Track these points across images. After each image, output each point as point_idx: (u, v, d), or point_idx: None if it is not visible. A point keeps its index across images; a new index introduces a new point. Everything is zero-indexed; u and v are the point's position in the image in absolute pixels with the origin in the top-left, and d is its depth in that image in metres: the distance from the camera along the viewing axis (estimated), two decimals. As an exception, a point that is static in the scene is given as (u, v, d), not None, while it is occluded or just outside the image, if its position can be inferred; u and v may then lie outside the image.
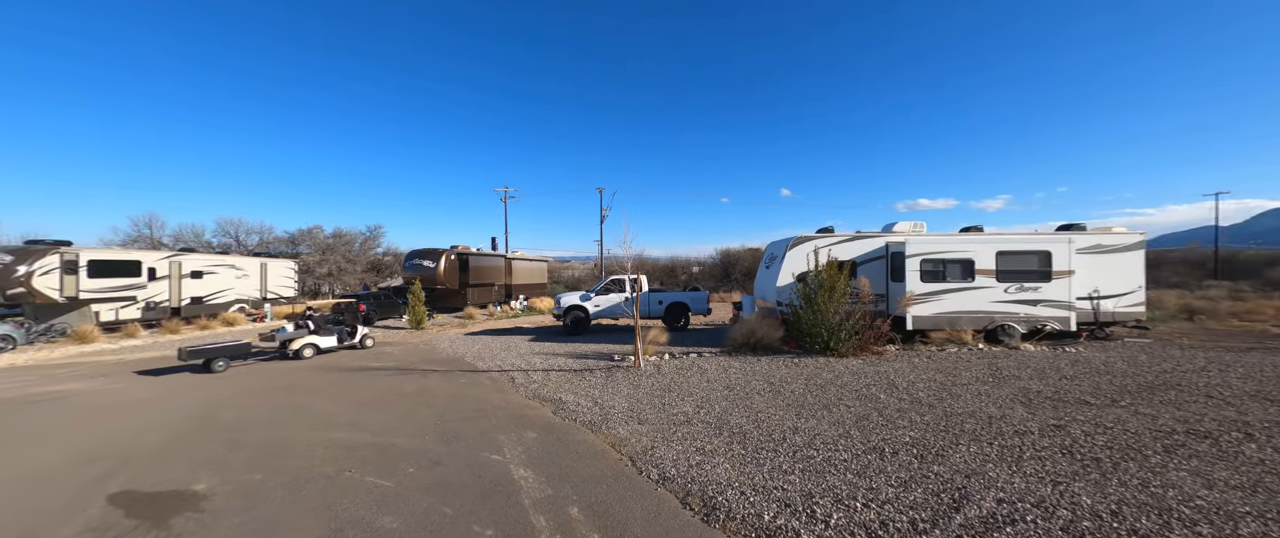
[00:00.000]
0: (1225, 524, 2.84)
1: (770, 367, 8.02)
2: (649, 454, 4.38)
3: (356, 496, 3.71)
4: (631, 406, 6.02)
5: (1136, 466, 3.71)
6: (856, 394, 6.13)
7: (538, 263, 29.16)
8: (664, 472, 3.98)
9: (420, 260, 19.82)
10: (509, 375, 8.25)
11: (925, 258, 9.88)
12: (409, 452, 4.63)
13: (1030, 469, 3.70)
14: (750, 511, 3.23)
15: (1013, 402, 5.58)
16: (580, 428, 5.29)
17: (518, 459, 4.38)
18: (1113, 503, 3.13)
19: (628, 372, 8.07)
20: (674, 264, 46.17)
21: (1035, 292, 9.79)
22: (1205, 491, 3.27)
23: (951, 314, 9.86)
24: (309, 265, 31.03)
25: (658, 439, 4.75)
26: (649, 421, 5.40)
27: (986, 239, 10.03)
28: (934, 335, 9.92)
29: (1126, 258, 10.26)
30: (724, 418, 5.36)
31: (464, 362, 9.86)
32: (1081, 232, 10.50)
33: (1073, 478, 3.52)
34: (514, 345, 12.06)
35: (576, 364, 9.07)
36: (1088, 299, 10.09)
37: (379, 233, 36.00)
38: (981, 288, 9.83)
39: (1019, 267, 9.81)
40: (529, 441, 4.89)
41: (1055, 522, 2.92)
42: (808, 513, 3.16)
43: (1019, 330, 9.80)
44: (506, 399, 6.68)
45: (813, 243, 10.66)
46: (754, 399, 6.09)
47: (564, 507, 3.44)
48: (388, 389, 7.37)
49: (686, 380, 7.24)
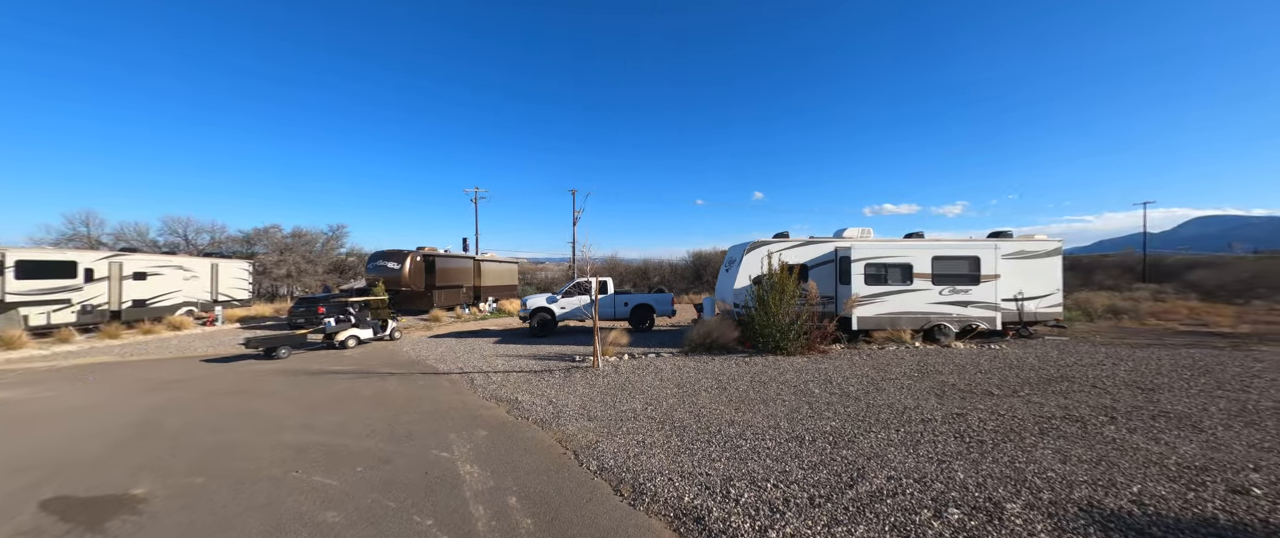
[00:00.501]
0: (1063, 490, 3.37)
1: (722, 366, 8.45)
2: (592, 448, 4.66)
3: (301, 494, 3.84)
4: (584, 404, 6.29)
5: (1012, 446, 4.26)
6: (794, 390, 6.61)
7: (508, 264, 28.96)
8: (603, 463, 4.27)
9: (384, 262, 19.44)
10: (469, 377, 8.36)
11: (869, 262, 10.58)
12: (359, 452, 4.75)
13: (924, 451, 4.20)
14: (673, 494, 3.57)
15: (928, 394, 6.16)
16: (531, 426, 5.52)
17: (466, 456, 4.58)
18: (980, 477, 3.63)
19: (586, 372, 8.33)
20: (647, 266, 46.61)
21: (966, 294, 10.65)
22: (1059, 465, 3.82)
23: (892, 315, 10.59)
24: (266, 266, 29.76)
25: (603, 434, 5.04)
26: (598, 417, 5.68)
27: (924, 245, 10.83)
28: (877, 335, 10.63)
29: (1047, 263, 11.28)
30: (669, 414, 5.70)
31: (425, 364, 9.87)
32: (1008, 238, 11.46)
33: (956, 458, 4.03)
34: (478, 348, 12.10)
35: (537, 366, 9.25)
36: (1012, 301, 11.03)
37: (342, 233, 34.87)
38: (919, 290, 10.61)
39: (952, 271, 10.65)
40: (479, 439, 5.09)
41: (928, 493, 3.39)
42: (723, 494, 3.53)
43: (952, 330, 10.62)
44: (463, 400, 6.82)
45: (768, 248, 11.20)
46: (700, 396, 6.47)
47: (503, 497, 3.68)
48: (343, 392, 7.37)
49: (641, 380, 7.56)
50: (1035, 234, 11.59)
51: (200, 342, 13.79)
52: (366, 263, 21.33)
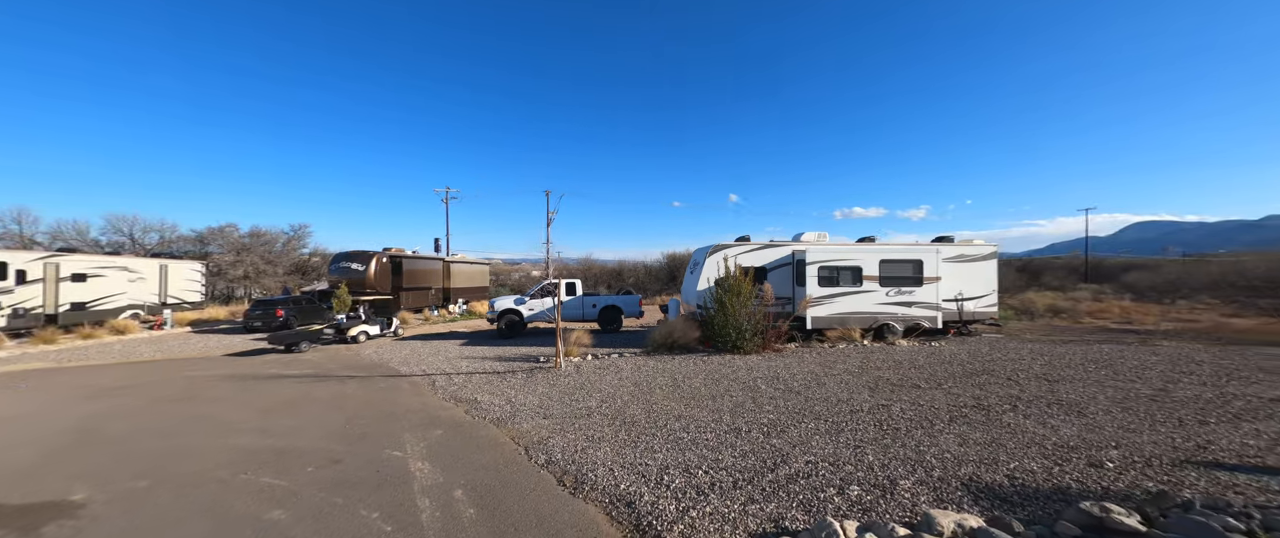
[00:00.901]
0: (952, 468, 3.83)
1: (680, 365, 8.79)
2: (543, 444, 4.88)
3: (248, 495, 3.91)
4: (542, 403, 6.49)
5: (922, 432, 4.74)
6: (743, 386, 7.00)
7: (479, 266, 28.65)
8: (551, 457, 4.50)
9: (348, 263, 18.99)
10: (431, 379, 8.41)
11: (822, 265, 11.17)
12: (310, 453, 4.82)
13: (844, 439, 4.62)
14: (611, 482, 3.84)
15: (863, 388, 6.66)
16: (487, 424, 5.69)
17: (419, 454, 4.72)
18: (887, 459, 4.06)
19: (548, 373, 8.52)
20: (622, 268, 46.83)
21: (910, 295, 11.38)
22: (956, 447, 4.30)
23: (843, 314, 11.21)
24: (221, 267, 28.45)
25: (556, 431, 5.27)
26: (553, 415, 5.90)
27: (872, 249, 11.51)
28: (830, 334, 11.22)
29: (984, 265, 12.16)
30: (622, 410, 5.98)
31: (387, 367, 9.83)
32: (949, 243, 12.30)
33: (871, 443, 4.46)
34: (443, 350, 12.08)
35: (501, 367, 9.37)
36: (953, 301, 11.85)
37: (304, 233, 33.65)
38: (868, 292, 11.27)
39: (898, 273, 11.36)
40: (434, 438, 5.23)
41: (838, 474, 3.78)
42: (656, 481, 3.82)
43: (899, 329, 11.33)
44: (423, 402, 6.90)
45: (727, 251, 11.66)
46: (655, 393, 6.77)
47: (450, 490, 3.87)
48: (298, 396, 7.32)
49: (601, 379, 7.81)
50: (974, 239, 12.48)
51: (146, 346, 13.20)
52: (329, 264, 20.78)
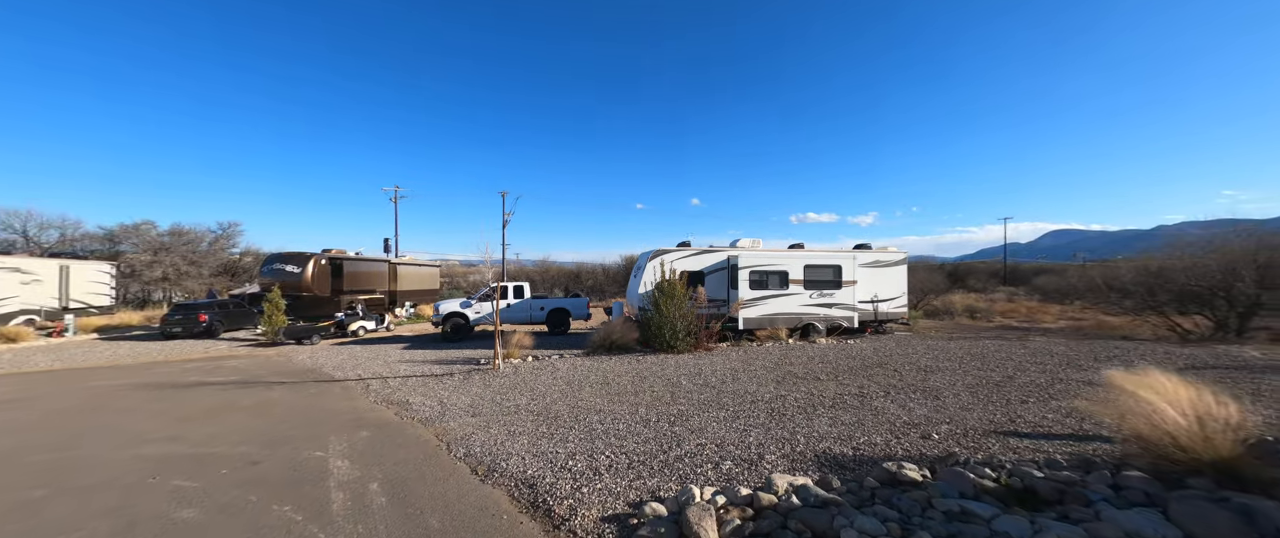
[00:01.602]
0: (813, 444, 4.54)
1: (614, 364, 9.28)
2: (466, 439, 5.19)
3: (157, 497, 3.98)
4: (473, 402, 6.76)
5: (804, 417, 5.47)
6: (666, 382, 7.58)
7: (429, 268, 27.92)
8: (470, 450, 4.84)
9: (282, 265, 18.10)
10: (365, 383, 8.42)
11: (753, 269, 12.05)
12: (227, 457, 4.87)
13: (738, 425, 5.27)
14: (519, 469, 4.25)
15: (771, 381, 7.43)
16: (416, 424, 5.91)
17: (340, 454, 4.90)
18: (765, 439, 4.72)
19: (486, 374, 8.75)
20: (580, 270, 46.88)
21: (831, 297, 12.50)
22: (826, 428, 5.05)
23: (772, 315, 12.15)
24: (135, 268, 26.06)
25: (480, 428, 5.58)
26: (482, 413, 6.20)
27: (798, 255, 12.54)
28: (760, 334, 12.11)
29: (896, 270, 13.53)
30: (549, 407, 6.37)
31: (320, 372, 9.67)
32: (866, 250, 13.58)
33: (758, 427, 5.13)
34: (383, 354, 11.94)
35: (439, 369, 9.48)
36: (869, 303, 13.11)
37: (234, 231, 31.39)
38: (794, 294, 12.28)
39: (820, 277, 12.45)
40: (359, 439, 5.40)
41: (720, 453, 4.38)
42: (561, 466, 4.27)
43: (821, 328, 12.40)
44: (353, 405, 6.97)
45: (669, 255, 12.31)
46: (584, 391, 7.21)
47: (366, 483, 4.12)
48: (220, 403, 7.16)
49: (536, 379, 8.15)
50: (888, 247, 13.85)
51: (43, 355, 12.11)
52: (261, 266, 19.68)
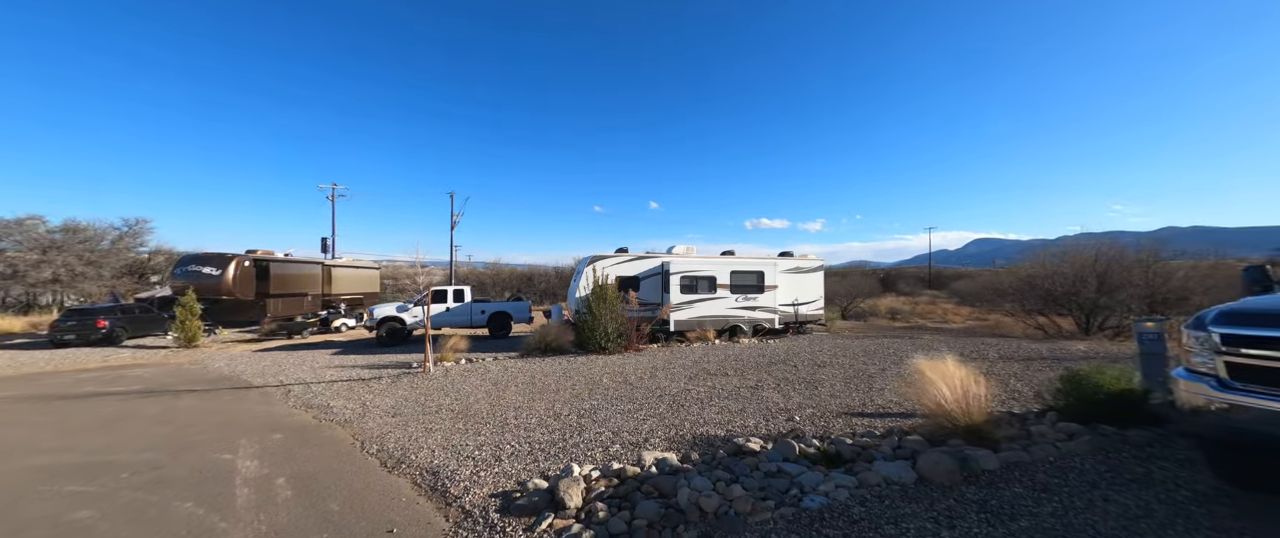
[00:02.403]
0: (696, 428, 5.26)
1: (544, 366, 9.72)
2: (381, 438, 5.47)
3: (50, 502, 4.01)
4: (396, 404, 6.98)
5: (699, 407, 6.22)
6: (588, 381, 8.14)
7: (368, 270, 26.86)
8: (383, 447, 5.14)
9: (198, 267, 16.94)
10: (286, 389, 8.33)
11: (684, 275, 12.89)
12: (126, 464, 4.87)
13: (639, 415, 5.91)
14: (427, 460, 4.63)
15: (684, 377, 8.18)
16: (334, 426, 6.07)
17: (250, 455, 5.04)
18: (656, 426, 5.39)
19: (415, 377, 8.91)
20: (533, 273, 46.47)
21: (755, 301, 13.60)
22: (714, 414, 5.81)
23: (701, 318, 13.05)
24: (18, 268, 23.14)
25: (398, 427, 5.86)
26: (403, 414, 6.46)
27: (725, 261, 13.55)
28: (690, 335, 12.97)
29: (814, 276, 14.90)
30: (470, 407, 6.72)
31: (238, 379, 9.39)
32: (789, 257, 14.87)
33: (655, 417, 5.79)
34: (311, 360, 11.65)
35: (368, 374, 9.50)
36: (789, 305, 14.36)
37: (142, 229, 28.52)
38: (721, 298, 13.25)
39: (745, 282, 13.52)
40: (271, 441, 5.52)
41: (614, 440, 4.99)
42: (466, 456, 4.70)
43: (746, 329, 13.46)
44: (270, 411, 6.97)
45: (605, 261, 12.90)
46: (508, 391, 7.60)
47: (273, 480, 4.36)
48: (119, 413, 6.91)
49: (465, 381, 8.43)
50: (808, 254, 15.23)
51: None
52: (173, 267, 18.26)
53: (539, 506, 3.43)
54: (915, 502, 3.12)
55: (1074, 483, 3.25)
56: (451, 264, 35.84)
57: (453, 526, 3.37)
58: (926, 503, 3.10)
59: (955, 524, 2.83)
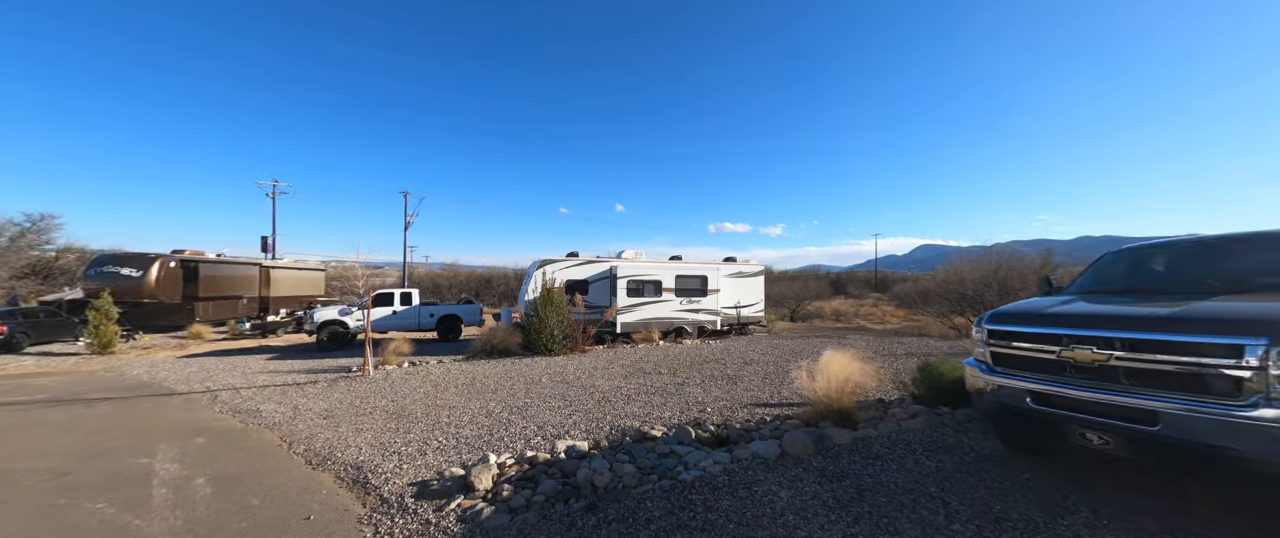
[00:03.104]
0: (617, 419, 5.75)
1: (488, 367, 9.94)
2: (310, 439, 5.59)
3: (-58, 508, 3.94)
4: (329, 407, 7.03)
5: (625, 403, 6.72)
6: (528, 381, 8.47)
7: (312, 271, 25.69)
8: (310, 447, 5.29)
9: (116, 268, 15.78)
10: (213, 395, 8.13)
11: (630, 279, 13.43)
12: (28, 471, 4.77)
13: (567, 409, 6.34)
14: (352, 457, 4.86)
15: (620, 376, 8.67)
16: (262, 430, 6.10)
17: (170, 460, 5.05)
18: (580, 420, 5.84)
19: (353, 381, 8.90)
20: (491, 274, 45.72)
21: (698, 303, 14.35)
22: (635, 409, 6.32)
23: (647, 320, 13.63)
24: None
25: (328, 428, 5.98)
26: (335, 416, 6.55)
27: (670, 266, 14.22)
28: (636, 336, 13.51)
29: (755, 280, 15.85)
30: (405, 408, 6.90)
31: (161, 386, 9.01)
32: (732, 263, 15.76)
33: (583, 413, 6.24)
34: (243, 365, 11.26)
35: (304, 378, 9.36)
36: (732, 308, 15.22)
37: (48, 225, 25.90)
38: (667, 301, 13.90)
39: (689, 286, 14.24)
40: (194, 445, 5.52)
41: (538, 433, 5.39)
42: (392, 452, 4.96)
43: (690, 331, 14.16)
44: (194, 417, 6.84)
45: (554, 265, 13.22)
46: (447, 392, 7.81)
47: (193, 480, 4.45)
48: (20, 423, 6.58)
49: (404, 383, 8.53)
50: (750, 260, 16.20)
51: None
52: (86, 268, 16.88)
53: (451, 490, 3.80)
54: (771, 470, 3.75)
55: (898, 452, 3.99)
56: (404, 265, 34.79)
57: (368, 511, 3.68)
58: (779, 471, 3.73)
59: (794, 485, 3.46)
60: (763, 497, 3.35)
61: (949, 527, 2.89)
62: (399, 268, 35.37)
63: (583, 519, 3.22)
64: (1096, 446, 2.83)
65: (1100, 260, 4.33)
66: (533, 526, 3.18)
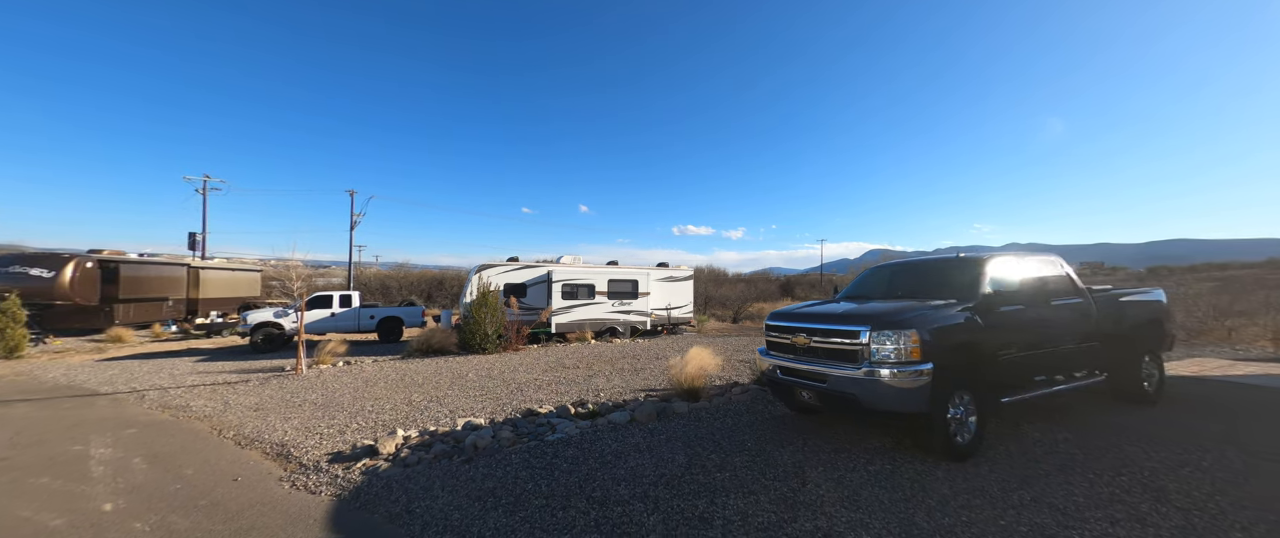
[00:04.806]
0: (518, 404, 6.83)
1: (422, 365, 10.71)
2: (240, 426, 6.28)
3: (-116, 488, 4.44)
4: (260, 401, 7.64)
5: (533, 390, 7.80)
6: (455, 376, 9.36)
7: (248, 273, 24.87)
8: (240, 432, 6.01)
9: (24, 268, 15.02)
10: (140, 394, 8.44)
11: (565, 283, 14.51)
12: (-37, 458, 5.23)
13: (482, 399, 7.34)
14: (279, 438, 5.66)
15: (541, 370, 9.74)
16: (193, 421, 6.68)
17: (103, 445, 5.63)
18: (488, 405, 6.87)
19: (286, 379, 9.43)
20: (444, 276, 45.20)
21: (630, 305, 15.64)
22: (542, 395, 7.42)
23: (581, 321, 14.75)
24: None
25: (258, 418, 6.66)
26: (265, 409, 7.20)
27: (604, 270, 15.43)
28: (571, 336, 14.59)
29: (685, 284, 17.35)
30: (334, 399, 7.64)
31: (81, 388, 9.14)
32: (664, 268, 17.18)
33: (493, 399, 7.27)
34: (170, 367, 11.36)
35: (236, 378, 9.76)
36: (663, 310, 16.62)
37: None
38: (600, 303, 15.08)
39: (621, 289, 15.50)
40: (125, 434, 6.07)
41: (448, 415, 6.38)
42: (316, 433, 5.80)
43: (622, 331, 15.41)
44: (121, 413, 7.25)
45: (493, 269, 14.07)
46: (377, 387, 8.57)
47: (128, 460, 5.12)
48: (-64, 421, 6.77)
49: (337, 381, 9.17)
50: (681, 266, 17.69)
51: None
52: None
53: (360, 454, 4.77)
54: (618, 431, 4.99)
55: (718, 416, 5.36)
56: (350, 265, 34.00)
57: (288, 473, 4.58)
58: (624, 431, 4.98)
59: (625, 438, 4.72)
60: (598, 447, 4.57)
61: (726, 454, 4.22)
62: (345, 267, 34.48)
63: (460, 468, 4.31)
64: (807, 400, 4.26)
65: (861, 274, 5.93)
66: (420, 473, 4.24)
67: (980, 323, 3.97)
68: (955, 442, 3.74)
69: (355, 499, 3.86)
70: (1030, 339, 4.31)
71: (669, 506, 3.38)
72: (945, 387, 3.67)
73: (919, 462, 3.87)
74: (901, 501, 3.19)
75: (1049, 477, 3.50)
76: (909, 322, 3.68)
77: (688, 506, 3.35)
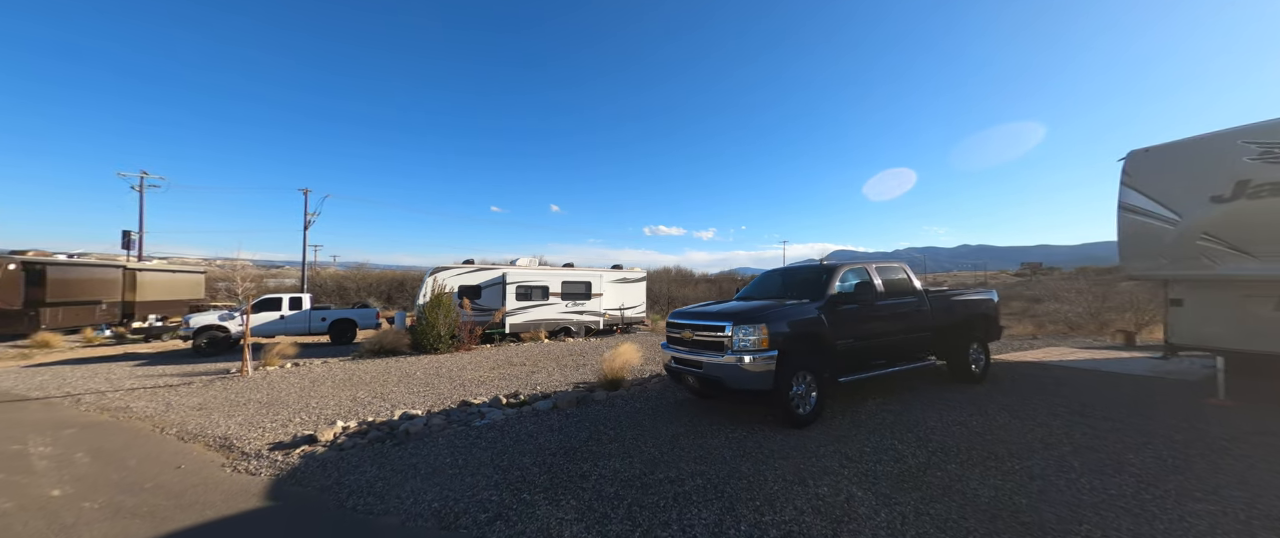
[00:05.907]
0: (460, 396, 7.43)
1: (372, 365, 11.04)
2: (183, 424, 6.58)
3: None
4: (204, 402, 7.88)
5: (477, 386, 8.39)
6: (404, 374, 9.80)
7: (189, 274, 23.87)
8: (183, 429, 6.33)
9: (-64, 272, 14.16)
10: (76, 398, 8.44)
11: (520, 284, 15.05)
12: (-107, 459, 5.36)
13: (427, 394, 7.87)
14: (221, 432, 6.05)
15: (488, 369, 10.30)
16: (133, 421, 6.90)
17: (43, 444, 5.84)
18: (428, 398, 7.43)
19: (230, 380, 9.59)
20: (405, 277, 44.36)
21: (583, 306, 16.33)
22: (486, 390, 8.04)
23: (536, 321, 15.33)
24: None
25: (201, 416, 6.95)
26: (208, 408, 7.47)
27: (558, 273, 16.07)
28: (525, 336, 15.13)
29: (638, 285, 18.20)
30: (278, 397, 7.97)
31: (8, 393, 9.00)
32: (618, 270, 17.96)
33: (436, 394, 7.82)
34: (106, 372, 11.17)
35: (178, 380, 9.81)
36: (617, 310, 17.40)
37: None
38: (553, 304, 15.70)
39: (574, 291, 16.17)
40: (65, 434, 6.27)
41: (389, 407, 6.91)
42: (259, 427, 6.22)
43: (575, 331, 16.08)
44: (56, 416, 7.33)
45: (448, 272, 14.44)
46: (324, 386, 8.91)
47: (71, 455, 5.41)
48: None
49: (283, 382, 9.42)
50: (634, 268, 18.54)
51: None
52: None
53: (299, 442, 5.29)
54: (539, 417, 5.71)
55: (631, 401, 6.17)
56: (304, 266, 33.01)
57: (231, 462, 5.05)
58: (544, 416, 5.71)
59: (543, 421, 5.45)
60: (517, 429, 5.29)
61: (621, 430, 5.02)
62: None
63: (392, 451, 4.93)
64: (691, 384, 5.13)
65: (758, 276, 6.90)
66: (354, 456, 4.82)
67: (824, 319, 4.95)
68: (797, 413, 4.68)
69: (291, 477, 4.42)
70: (865, 331, 5.35)
71: (560, 468, 4.14)
72: (789, 369, 4.61)
73: (772, 430, 4.80)
74: (739, 456, 4.08)
75: (859, 436, 4.50)
76: (761, 318, 4.60)
77: (575, 467, 4.13)
